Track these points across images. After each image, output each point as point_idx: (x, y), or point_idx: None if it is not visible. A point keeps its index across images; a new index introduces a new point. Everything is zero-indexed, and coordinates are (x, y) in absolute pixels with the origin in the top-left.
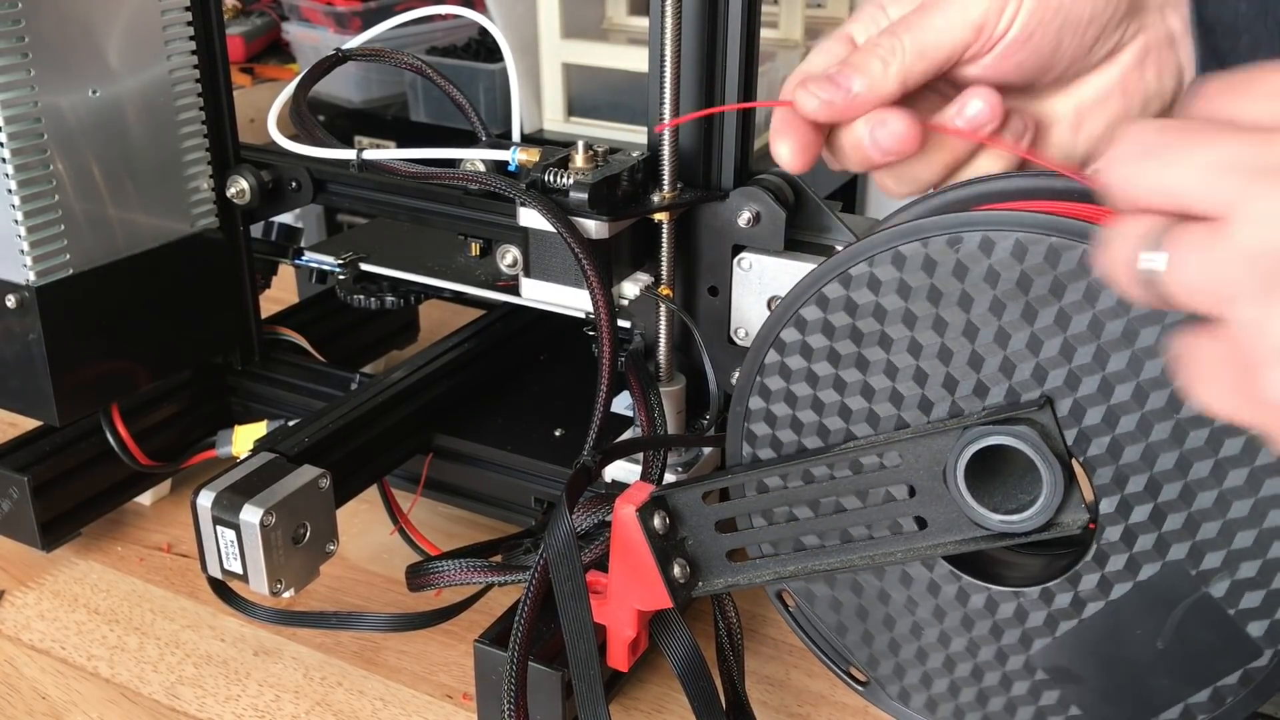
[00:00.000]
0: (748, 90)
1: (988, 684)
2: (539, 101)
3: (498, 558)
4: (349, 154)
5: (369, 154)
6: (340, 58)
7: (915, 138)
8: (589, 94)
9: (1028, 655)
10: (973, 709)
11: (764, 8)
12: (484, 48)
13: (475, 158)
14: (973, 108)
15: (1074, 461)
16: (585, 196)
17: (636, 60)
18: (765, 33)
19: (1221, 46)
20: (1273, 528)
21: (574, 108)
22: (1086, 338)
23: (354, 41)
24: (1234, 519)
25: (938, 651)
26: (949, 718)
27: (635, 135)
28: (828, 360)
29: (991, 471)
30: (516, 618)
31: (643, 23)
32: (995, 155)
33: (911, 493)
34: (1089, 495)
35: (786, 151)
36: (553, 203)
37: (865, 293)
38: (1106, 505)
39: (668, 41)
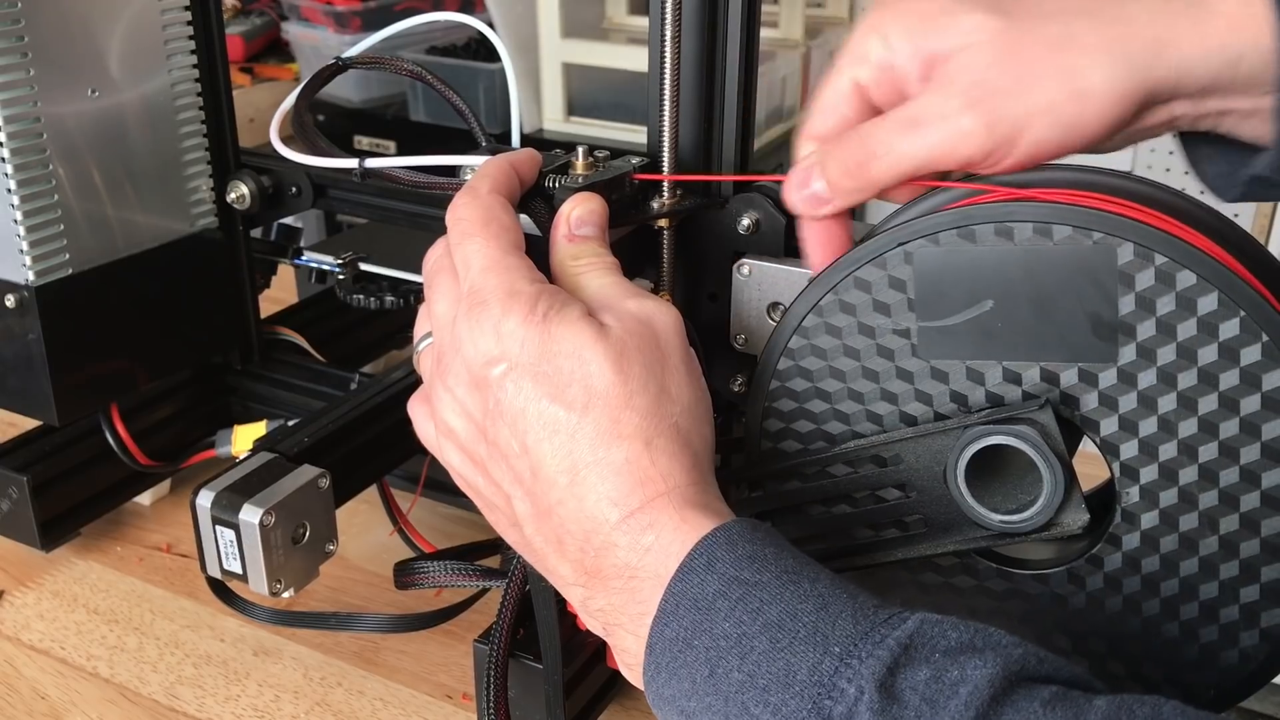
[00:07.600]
0: (748, 90)
1: None
2: (539, 101)
3: (496, 558)
4: (351, 163)
5: (371, 163)
6: (341, 66)
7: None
8: (589, 93)
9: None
10: None
11: (764, 8)
12: (484, 47)
13: (475, 164)
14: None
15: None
16: None
17: (636, 60)
18: (765, 33)
19: None
20: None
21: (574, 107)
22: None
23: (355, 49)
24: None
25: None
26: None
27: (635, 135)
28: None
29: (991, 471)
30: (497, 617)
31: (643, 22)
32: None
33: (912, 492)
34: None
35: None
36: (547, 210)
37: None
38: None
39: (668, 41)
